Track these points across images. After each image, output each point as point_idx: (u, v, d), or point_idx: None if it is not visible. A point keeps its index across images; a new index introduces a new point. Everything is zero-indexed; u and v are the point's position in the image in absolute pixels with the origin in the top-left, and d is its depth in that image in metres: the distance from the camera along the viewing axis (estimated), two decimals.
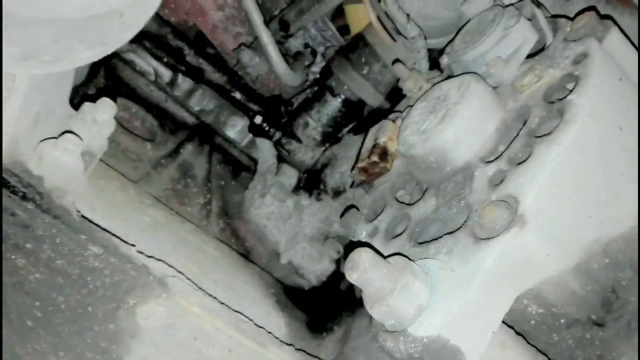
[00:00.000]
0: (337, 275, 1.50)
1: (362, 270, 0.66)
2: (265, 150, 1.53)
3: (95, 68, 1.50)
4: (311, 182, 1.50)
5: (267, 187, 1.48)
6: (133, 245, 0.75)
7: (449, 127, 0.82)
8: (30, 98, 0.66)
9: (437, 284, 0.68)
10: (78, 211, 0.72)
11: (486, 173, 0.77)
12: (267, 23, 1.39)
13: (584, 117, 0.70)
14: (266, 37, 1.33)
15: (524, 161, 0.72)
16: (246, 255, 1.46)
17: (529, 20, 0.90)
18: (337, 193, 1.46)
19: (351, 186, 1.14)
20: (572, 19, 0.85)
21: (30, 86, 0.64)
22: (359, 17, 1.51)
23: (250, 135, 1.68)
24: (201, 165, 1.58)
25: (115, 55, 1.53)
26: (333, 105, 1.43)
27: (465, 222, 0.74)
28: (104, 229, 0.73)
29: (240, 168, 1.65)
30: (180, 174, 1.51)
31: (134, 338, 0.74)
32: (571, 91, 0.74)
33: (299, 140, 1.47)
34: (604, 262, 0.73)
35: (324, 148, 1.49)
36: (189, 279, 0.79)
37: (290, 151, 1.48)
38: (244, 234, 1.50)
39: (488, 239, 0.68)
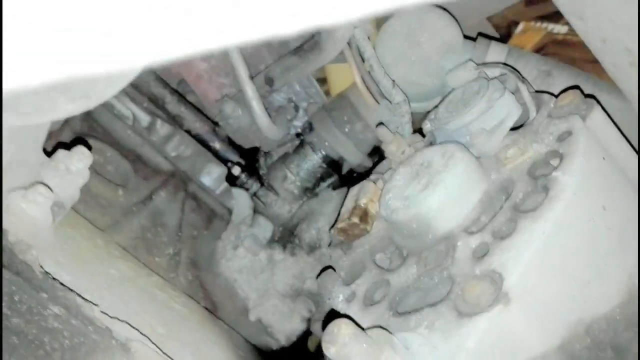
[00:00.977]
0: (307, 336, 1.45)
1: (340, 345, 0.63)
2: (240, 201, 1.50)
3: None
4: (286, 236, 1.48)
5: (241, 239, 1.45)
6: (96, 305, 0.70)
7: (433, 195, 0.81)
8: (3, 147, 0.63)
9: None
10: (41, 267, 0.67)
11: (469, 244, 0.76)
12: (251, 77, 1.39)
13: (569, 195, 0.70)
14: (250, 91, 1.33)
15: (509, 236, 0.71)
16: (213, 310, 1.40)
17: (513, 94, 0.92)
18: (312, 249, 1.43)
19: (329, 246, 1.11)
20: (555, 96, 0.87)
21: (4, 135, 0.61)
22: (340, 77, 1.53)
23: (226, 184, 1.65)
24: (173, 213, 1.53)
25: None
26: (313, 160, 1.43)
27: (447, 294, 0.72)
28: (68, 288, 0.68)
29: (214, 216, 1.62)
30: (151, 222, 1.46)
31: None
32: (556, 168, 0.74)
33: (276, 193, 1.45)
34: (586, 343, 0.72)
35: (301, 202, 1.47)
36: (153, 343, 0.74)
37: (266, 204, 1.46)
38: (212, 288, 1.45)
39: (471, 315, 0.66)
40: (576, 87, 0.86)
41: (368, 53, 1.09)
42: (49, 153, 0.90)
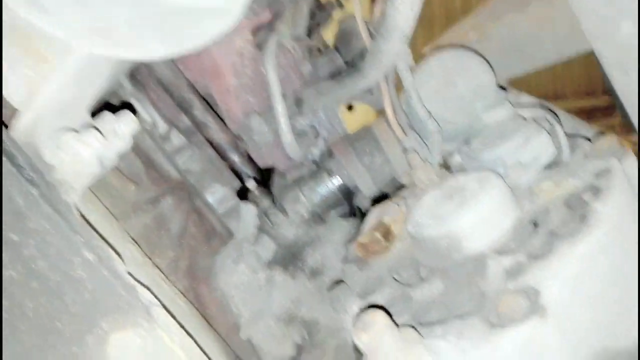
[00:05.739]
0: None
1: (375, 333, 0.62)
2: (247, 217, 1.49)
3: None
4: (288, 259, 1.46)
5: (243, 255, 1.43)
6: (124, 261, 0.68)
7: (468, 214, 0.82)
8: (68, 83, 0.63)
9: None
10: (80, 211, 0.66)
11: (502, 263, 0.76)
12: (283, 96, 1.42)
13: (608, 224, 0.72)
14: (281, 107, 1.36)
15: (545, 256, 0.72)
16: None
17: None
18: (314, 274, 1.41)
19: (343, 262, 1.10)
20: (590, 140, 0.90)
21: (76, 70, 0.61)
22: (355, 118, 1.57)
23: (229, 204, 1.65)
24: (177, 221, 1.52)
25: (116, 96, 1.52)
26: (328, 186, 1.43)
27: (478, 308, 0.72)
28: (103, 237, 0.66)
29: (214, 235, 1.60)
30: (155, 224, 1.45)
31: None
32: (594, 200, 0.76)
33: (286, 214, 1.44)
34: None
35: (308, 227, 1.46)
36: (173, 316, 0.71)
37: (274, 223, 1.44)
38: (207, 300, 1.41)
39: (505, 326, 0.66)
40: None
41: (408, 82, 1.12)
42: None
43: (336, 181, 1.43)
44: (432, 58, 1.22)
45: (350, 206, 1.51)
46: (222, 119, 1.62)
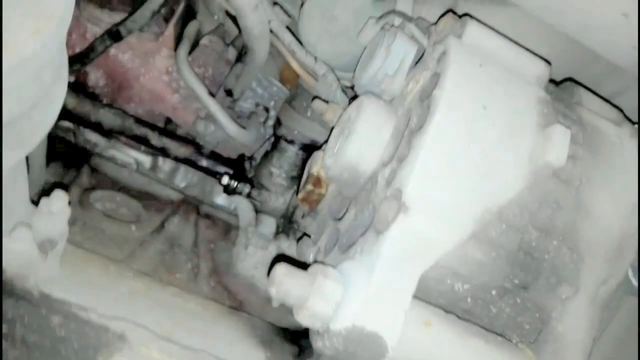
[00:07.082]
0: None
1: (278, 284, 0.75)
2: (242, 207, 1.64)
3: (76, 170, 1.67)
4: (288, 224, 1.60)
5: (249, 239, 1.59)
6: (90, 308, 0.85)
7: (351, 143, 0.92)
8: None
9: (349, 280, 0.76)
10: (39, 289, 0.83)
11: (384, 174, 0.86)
12: (212, 95, 1.53)
13: (443, 107, 0.79)
14: (212, 105, 1.47)
15: (406, 156, 0.81)
16: (239, 307, 1.54)
17: (410, 35, 1.00)
18: None
19: (302, 218, 1.23)
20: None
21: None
22: None
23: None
24: (188, 234, 1.69)
25: (96, 154, 1.69)
26: (290, 151, 1.55)
27: (372, 221, 0.82)
28: (60, 299, 0.83)
29: (230, 228, 1.76)
30: (167, 245, 1.62)
31: None
32: (434, 87, 0.83)
33: (267, 190, 1.57)
34: (502, 228, 0.80)
35: (293, 191, 1.59)
36: (150, 329, 0.88)
37: (262, 202, 1.59)
38: (235, 288, 1.59)
39: (384, 230, 0.76)
40: (449, 10, 0.94)
41: (287, 39, 1.20)
42: None
43: (294, 143, 1.54)
44: (306, 4, 1.28)
45: None
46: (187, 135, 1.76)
